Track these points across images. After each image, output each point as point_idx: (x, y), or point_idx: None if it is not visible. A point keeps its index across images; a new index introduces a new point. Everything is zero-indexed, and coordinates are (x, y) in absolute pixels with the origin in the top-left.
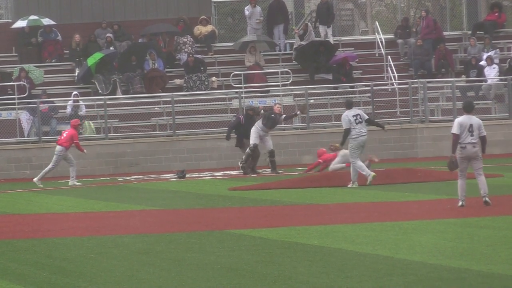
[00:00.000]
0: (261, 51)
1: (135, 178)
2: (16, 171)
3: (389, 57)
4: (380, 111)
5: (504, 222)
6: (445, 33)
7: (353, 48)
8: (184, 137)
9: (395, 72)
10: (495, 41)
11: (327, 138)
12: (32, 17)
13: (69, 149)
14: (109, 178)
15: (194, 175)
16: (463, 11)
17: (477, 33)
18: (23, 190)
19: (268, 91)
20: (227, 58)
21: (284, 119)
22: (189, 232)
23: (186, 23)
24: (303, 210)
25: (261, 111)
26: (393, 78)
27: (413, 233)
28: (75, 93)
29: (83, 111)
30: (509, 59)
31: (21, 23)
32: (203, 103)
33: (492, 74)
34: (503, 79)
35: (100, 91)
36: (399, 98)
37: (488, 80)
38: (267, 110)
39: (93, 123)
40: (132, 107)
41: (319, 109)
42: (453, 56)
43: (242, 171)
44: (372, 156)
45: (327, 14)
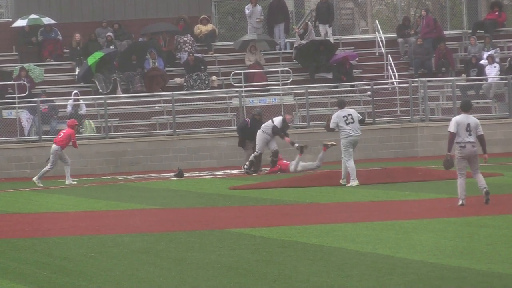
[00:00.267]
0: (262, 50)
1: (135, 177)
2: (17, 170)
3: (389, 56)
4: (380, 110)
5: (504, 221)
6: (445, 32)
7: (353, 47)
8: (184, 136)
9: (395, 71)
10: (495, 40)
11: (327, 137)
12: (32, 16)
13: (65, 148)
14: (109, 177)
15: (194, 174)
16: (463, 10)
17: (477, 32)
18: (23, 189)
19: (268, 90)
20: (227, 57)
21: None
22: (189, 231)
23: (186, 22)
24: (303, 209)
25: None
26: (393, 77)
27: (413, 232)
28: (76, 92)
29: (83, 110)
30: (509, 58)
31: (21, 22)
32: (203, 102)
33: (493, 73)
34: (503, 78)
35: (101, 90)
36: (400, 97)
37: (489, 79)
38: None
39: (93, 122)
40: (133, 106)
41: (319, 108)
42: (453, 55)
43: (246, 174)
44: (328, 142)
45: (327, 13)
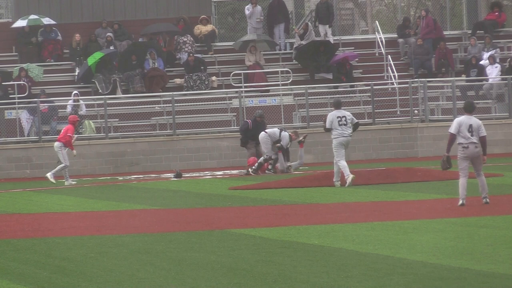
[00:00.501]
0: (261, 50)
1: (135, 177)
2: (16, 170)
3: (389, 56)
4: (380, 110)
5: (504, 221)
6: (445, 32)
7: (353, 48)
8: (184, 137)
9: (395, 72)
10: (495, 41)
11: (327, 137)
12: (32, 16)
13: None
14: (109, 178)
15: (194, 175)
16: (463, 10)
17: (477, 32)
18: (23, 190)
19: (268, 91)
20: (227, 58)
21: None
22: (189, 231)
23: (186, 23)
24: (303, 210)
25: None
26: (393, 77)
27: (413, 232)
28: (75, 92)
29: (83, 111)
30: (509, 59)
31: (21, 23)
32: (203, 102)
33: (494, 73)
34: (503, 79)
35: (100, 91)
36: (399, 97)
37: (489, 79)
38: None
39: (93, 122)
40: (132, 107)
41: (319, 109)
42: (453, 56)
43: (253, 173)
44: (300, 138)
45: (326, 14)
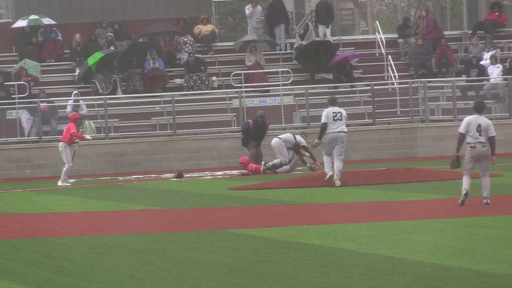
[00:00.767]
0: (262, 50)
1: (135, 177)
2: (17, 170)
3: (389, 56)
4: (380, 110)
5: (504, 221)
6: (445, 32)
7: (353, 48)
8: (184, 137)
9: (395, 72)
10: (495, 41)
11: None
12: (32, 16)
13: (71, 144)
14: (109, 178)
15: (194, 175)
16: (464, 10)
17: (478, 32)
18: (23, 190)
19: (268, 91)
20: (227, 58)
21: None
22: (189, 231)
23: (186, 23)
24: (303, 210)
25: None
26: (393, 77)
27: (413, 232)
28: (76, 92)
29: (84, 111)
30: (509, 59)
31: (21, 23)
32: (203, 102)
33: (495, 73)
34: (504, 79)
35: (101, 91)
36: (400, 97)
37: (490, 80)
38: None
39: (93, 122)
40: (133, 107)
41: (319, 109)
42: (454, 56)
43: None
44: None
45: (326, 14)
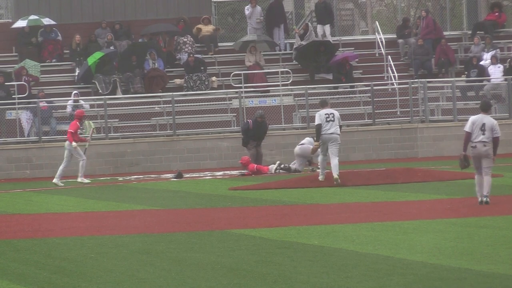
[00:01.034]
0: (261, 51)
1: (135, 178)
2: (16, 171)
3: (389, 57)
4: (380, 111)
5: (504, 221)
6: (445, 33)
7: (353, 48)
8: (184, 137)
9: (395, 72)
10: (495, 41)
11: None
12: (32, 16)
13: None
14: (109, 178)
15: (194, 175)
16: (463, 11)
17: (477, 33)
18: (23, 190)
19: (268, 91)
20: (227, 58)
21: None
22: (189, 232)
23: (186, 23)
24: (303, 210)
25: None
26: (393, 78)
27: (413, 233)
28: (76, 92)
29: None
30: (509, 59)
31: (21, 23)
32: (203, 103)
33: (496, 73)
34: (505, 79)
35: (100, 91)
36: (399, 98)
37: (492, 80)
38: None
39: (93, 123)
40: (132, 107)
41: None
42: (454, 56)
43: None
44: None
45: (325, 13)
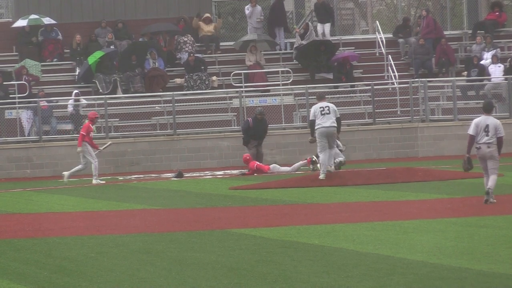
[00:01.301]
0: (262, 50)
1: (135, 177)
2: (17, 170)
3: (389, 56)
4: (380, 110)
5: (505, 221)
6: (445, 32)
7: (353, 48)
8: (184, 136)
9: (395, 72)
10: (495, 41)
11: None
12: (32, 16)
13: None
14: (109, 177)
15: (194, 175)
16: (464, 10)
17: (478, 32)
18: (23, 190)
19: (268, 91)
20: (227, 57)
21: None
22: (189, 231)
23: (186, 22)
24: (303, 210)
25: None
26: (393, 77)
27: (413, 232)
28: (76, 91)
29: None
30: (509, 59)
31: (21, 22)
32: (203, 102)
33: (497, 72)
34: (504, 79)
35: (101, 90)
36: (400, 97)
37: (492, 79)
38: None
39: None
40: (133, 106)
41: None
42: (454, 55)
43: (314, 159)
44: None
45: (324, 13)
